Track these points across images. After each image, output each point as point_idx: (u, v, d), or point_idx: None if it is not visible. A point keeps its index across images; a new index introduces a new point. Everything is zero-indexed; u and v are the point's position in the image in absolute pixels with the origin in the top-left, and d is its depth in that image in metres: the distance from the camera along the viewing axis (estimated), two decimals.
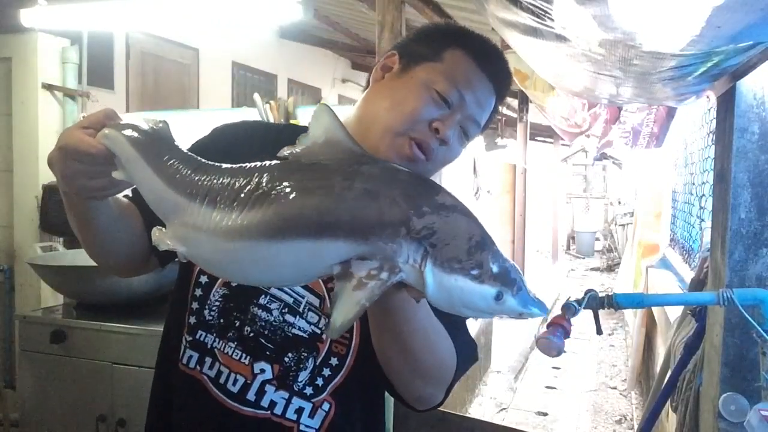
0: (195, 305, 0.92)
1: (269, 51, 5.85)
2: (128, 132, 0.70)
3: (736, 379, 1.39)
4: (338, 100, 6.85)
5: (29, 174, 3.13)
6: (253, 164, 0.66)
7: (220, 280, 0.92)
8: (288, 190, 0.62)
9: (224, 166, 0.67)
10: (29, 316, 2.34)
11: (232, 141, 0.97)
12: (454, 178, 3.85)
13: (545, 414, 4.37)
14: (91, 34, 3.25)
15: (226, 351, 0.90)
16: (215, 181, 0.65)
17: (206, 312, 0.91)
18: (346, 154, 0.65)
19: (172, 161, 0.68)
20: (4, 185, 3.22)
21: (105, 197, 0.78)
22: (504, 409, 4.40)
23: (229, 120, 1.04)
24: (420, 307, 0.77)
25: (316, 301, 0.90)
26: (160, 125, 0.71)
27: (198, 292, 0.92)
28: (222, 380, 0.89)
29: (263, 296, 0.90)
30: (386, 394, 0.99)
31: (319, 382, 0.90)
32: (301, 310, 0.90)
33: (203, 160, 0.69)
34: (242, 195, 0.63)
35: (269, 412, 0.89)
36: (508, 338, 5.76)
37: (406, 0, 2.82)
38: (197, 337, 0.92)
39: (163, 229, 0.68)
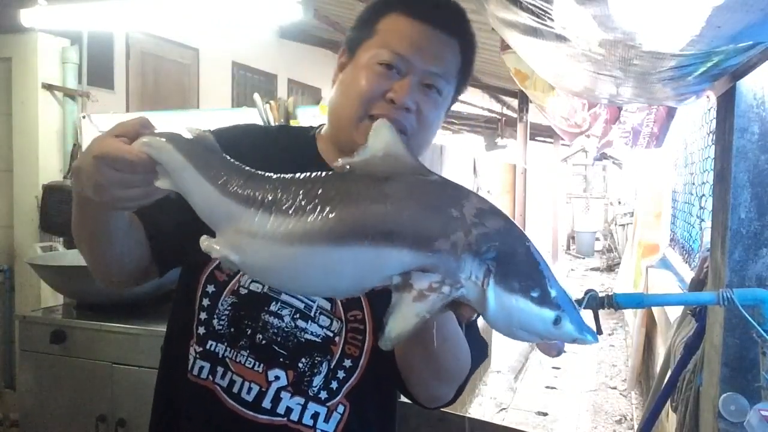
0: (203, 315, 0.91)
1: (269, 51, 5.85)
2: (174, 140, 0.68)
3: (736, 379, 1.39)
4: None
5: (29, 174, 3.13)
6: (308, 173, 0.65)
7: (228, 288, 0.90)
8: (351, 197, 0.61)
9: (276, 175, 0.67)
10: (29, 316, 2.34)
11: (230, 144, 0.96)
12: (454, 178, 3.85)
13: (545, 414, 4.37)
14: (91, 34, 3.25)
15: (238, 360, 0.89)
16: (271, 188, 0.64)
17: (215, 321, 0.90)
18: (406, 168, 0.65)
19: (223, 170, 0.67)
20: (4, 185, 3.22)
21: (135, 208, 0.75)
22: (504, 409, 4.40)
23: (230, 120, 1.04)
24: (450, 317, 0.76)
25: (327, 305, 0.90)
26: (205, 134, 0.69)
27: (206, 301, 0.91)
28: (236, 389, 0.88)
29: (274, 303, 0.89)
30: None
31: (334, 385, 0.89)
32: (312, 314, 0.89)
33: (254, 170, 0.68)
34: (302, 202, 0.62)
35: (285, 418, 0.88)
36: (508, 338, 5.75)
37: None
38: (208, 347, 0.90)
39: (212, 238, 0.66)
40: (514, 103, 7.48)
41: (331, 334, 0.89)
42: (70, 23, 2.87)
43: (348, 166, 0.65)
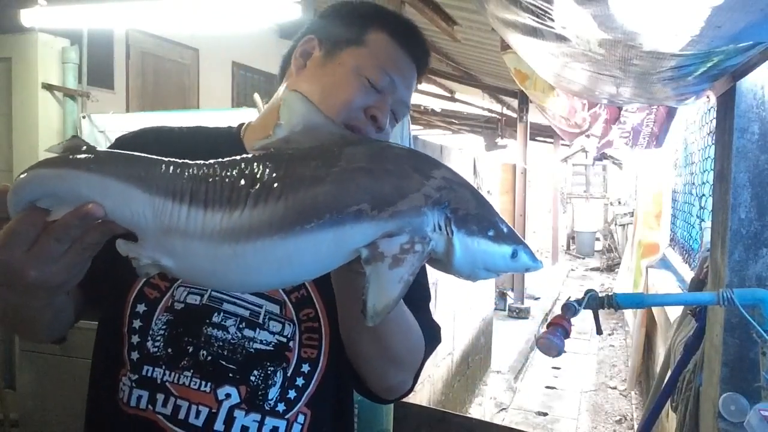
0: (135, 339, 0.83)
1: (269, 51, 5.84)
2: (41, 164, 0.56)
3: (736, 379, 1.39)
4: None
5: None
6: (232, 158, 0.59)
7: (161, 305, 0.82)
8: (292, 180, 0.57)
9: (197, 162, 0.58)
10: None
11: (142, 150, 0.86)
12: None
13: (545, 414, 4.37)
14: (91, 34, 3.26)
15: (181, 382, 0.80)
16: (197, 176, 0.57)
17: (150, 344, 0.82)
18: (331, 137, 0.61)
19: (125, 162, 0.57)
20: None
21: (93, 254, 0.62)
22: (504, 409, 4.40)
23: (230, 120, 1.01)
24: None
25: (276, 308, 0.83)
26: (75, 139, 0.59)
27: (137, 323, 0.83)
28: (182, 415, 0.80)
29: (216, 314, 0.82)
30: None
31: (292, 395, 0.83)
32: (260, 321, 0.83)
33: (160, 158, 0.58)
34: (237, 191, 0.56)
35: None
36: (508, 338, 5.76)
37: (406, 0, 2.82)
38: (144, 373, 0.82)
39: (130, 242, 0.56)
40: (514, 103, 7.48)
41: (285, 340, 0.83)
42: (70, 23, 2.87)
43: (269, 148, 0.60)
